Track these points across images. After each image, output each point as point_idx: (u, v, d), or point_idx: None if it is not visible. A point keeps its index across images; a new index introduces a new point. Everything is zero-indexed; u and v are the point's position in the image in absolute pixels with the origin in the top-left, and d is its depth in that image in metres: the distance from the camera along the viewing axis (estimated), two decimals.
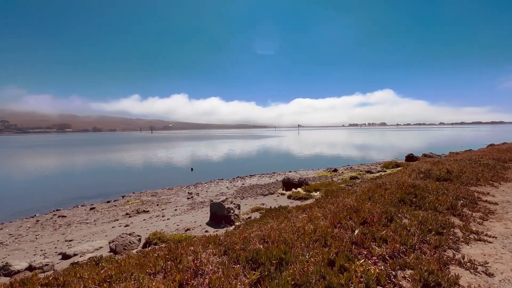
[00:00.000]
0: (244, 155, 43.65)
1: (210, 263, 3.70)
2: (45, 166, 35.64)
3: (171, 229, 8.93)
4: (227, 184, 18.93)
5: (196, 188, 18.01)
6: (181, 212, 11.82)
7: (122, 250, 6.94)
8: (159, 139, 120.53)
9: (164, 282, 3.24)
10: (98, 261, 5.13)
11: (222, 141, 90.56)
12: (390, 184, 7.49)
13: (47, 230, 10.83)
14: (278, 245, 3.83)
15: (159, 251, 4.76)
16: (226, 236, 4.87)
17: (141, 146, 75.90)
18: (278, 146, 63.50)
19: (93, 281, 3.56)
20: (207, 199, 14.37)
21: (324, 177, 18.96)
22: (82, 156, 48.66)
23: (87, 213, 13.15)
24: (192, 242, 5.16)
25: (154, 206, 13.55)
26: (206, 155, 43.64)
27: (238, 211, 9.43)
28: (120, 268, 3.96)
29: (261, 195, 14.20)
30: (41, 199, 16.68)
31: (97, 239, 8.89)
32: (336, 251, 3.47)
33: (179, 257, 4.14)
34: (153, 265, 3.87)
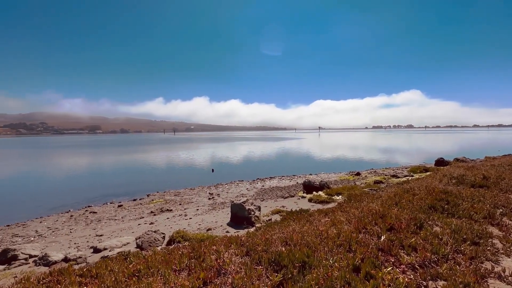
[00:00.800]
0: (264, 157, 43.69)
1: (233, 263, 3.75)
2: (78, 165, 38.19)
3: (193, 228, 9.15)
4: (247, 185, 19.05)
5: (216, 188, 18.31)
6: (203, 212, 12.08)
7: (147, 246, 7.24)
8: (181, 141, 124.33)
9: (189, 279, 3.34)
10: (126, 256, 5.40)
11: (242, 143, 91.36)
12: (419, 190, 7.12)
13: (80, 225, 11.58)
14: (301, 248, 3.79)
15: (183, 249, 4.90)
16: (247, 237, 4.90)
17: (165, 147, 78.73)
18: (298, 148, 62.81)
19: (123, 275, 3.76)
20: (227, 200, 14.55)
21: (346, 180, 18.43)
22: (110, 156, 51.49)
23: (115, 210, 13.88)
24: (214, 241, 5.25)
25: (177, 205, 13.97)
26: (226, 157, 44.26)
27: (258, 212, 9.45)
28: (147, 264, 4.15)
29: (281, 197, 14.12)
30: (74, 196, 17.88)
31: (125, 235, 9.34)
32: (362, 257, 3.36)
33: (202, 255, 4.24)
34: (178, 262, 4.00)
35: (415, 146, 64.94)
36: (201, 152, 54.89)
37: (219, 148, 68.11)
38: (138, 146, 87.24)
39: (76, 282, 3.83)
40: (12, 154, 62.77)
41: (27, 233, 10.79)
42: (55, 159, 48.98)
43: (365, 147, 62.21)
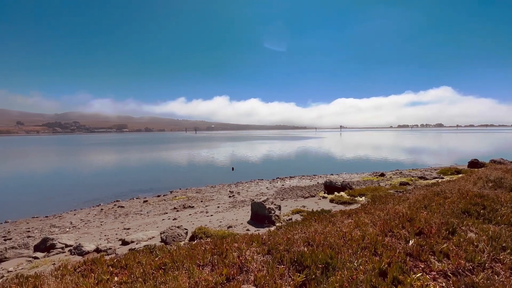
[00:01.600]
0: (283, 156, 43.44)
1: (255, 261, 3.78)
2: (107, 162, 40.48)
3: (214, 225, 9.34)
4: (267, 184, 19.06)
5: (237, 187, 18.52)
6: (223, 210, 12.28)
7: (171, 241, 7.50)
8: (202, 139, 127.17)
9: (212, 275, 3.42)
10: (152, 249, 5.64)
11: (262, 142, 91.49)
12: (451, 193, 6.70)
13: (109, 218, 12.28)
14: (324, 249, 3.73)
15: (205, 245, 5.03)
16: (269, 236, 4.92)
17: (187, 145, 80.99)
18: (318, 147, 61.67)
19: (150, 267, 3.94)
20: (247, 198, 14.67)
21: (369, 181, 17.81)
22: (136, 154, 53.95)
23: (141, 205, 14.54)
24: (235, 239, 5.33)
25: (199, 202, 14.33)
26: (246, 155, 44.58)
27: (278, 212, 9.42)
28: (172, 258, 4.30)
29: (301, 197, 13.96)
30: (104, 190, 18.99)
31: (150, 229, 9.76)
32: (389, 262, 3.24)
33: (224, 252, 4.32)
34: (201, 258, 4.11)
35: (445, 146, 61.09)
36: (221, 151, 55.77)
37: (239, 147, 68.75)
38: (161, 144, 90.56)
39: (107, 272, 4.08)
40: (49, 151, 67.96)
41: (63, 224, 11.64)
42: (87, 156, 52.28)
43: (389, 147, 59.63)
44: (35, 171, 32.06)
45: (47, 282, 3.68)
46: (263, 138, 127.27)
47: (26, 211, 14.16)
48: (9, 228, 11.44)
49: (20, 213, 13.71)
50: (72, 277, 3.88)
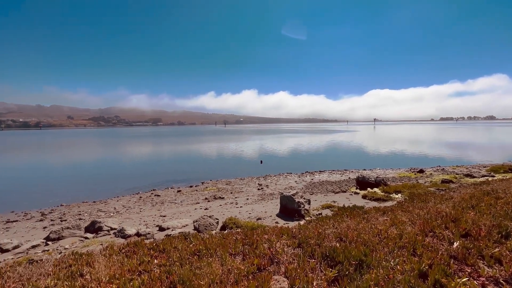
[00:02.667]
0: (312, 150, 42.56)
1: (285, 253, 3.81)
2: (145, 153, 43.35)
3: (243, 216, 9.56)
4: (295, 178, 18.90)
5: (265, 180, 18.66)
6: (252, 202, 12.49)
7: (203, 229, 7.85)
8: (231, 132, 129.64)
9: (244, 264, 3.52)
10: (186, 236, 5.95)
11: (290, 135, 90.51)
12: (504, 193, 6.03)
13: (147, 205, 13.21)
14: (357, 245, 3.62)
15: (236, 235, 5.17)
16: (299, 229, 4.90)
17: (216, 138, 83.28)
18: (350, 141, 59.27)
19: (186, 252, 4.17)
20: (276, 192, 14.72)
21: (406, 178, 16.72)
22: (170, 146, 56.91)
23: (175, 194, 15.38)
24: (265, 230, 5.40)
25: (228, 194, 14.74)
26: (274, 149, 44.54)
27: (308, 206, 9.32)
28: (205, 245, 4.50)
29: (331, 192, 13.62)
30: (142, 180, 20.42)
31: (183, 217, 10.31)
32: (430, 263, 3.04)
33: (255, 243, 4.41)
34: (233, 247, 4.24)
35: (496, 141, 54.73)
36: (250, 144, 56.39)
37: (267, 140, 68.85)
38: (193, 137, 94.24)
39: (148, 254, 4.41)
40: (96, 143, 74.68)
41: (108, 209, 12.81)
42: (128, 148, 56.48)
43: (430, 141, 55.12)
44: (85, 160, 35.55)
45: (97, 260, 4.09)
46: (292, 132, 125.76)
47: (77, 196, 15.84)
48: (64, 211, 12.91)
49: (72, 198, 15.37)
50: (118, 257, 4.27)
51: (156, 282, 3.12)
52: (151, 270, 3.62)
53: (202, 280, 3.02)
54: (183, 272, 3.23)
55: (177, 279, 3.11)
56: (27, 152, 49.05)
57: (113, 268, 3.69)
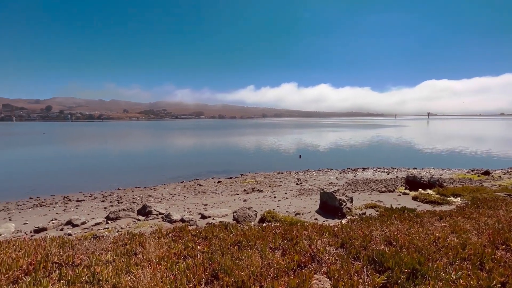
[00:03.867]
0: (355, 145, 40.26)
1: (327, 253, 3.65)
2: (188, 144, 46.10)
3: (282, 210, 9.51)
4: (336, 174, 18.14)
5: (304, 175, 18.28)
6: (291, 196, 12.36)
7: (242, 220, 8.03)
8: (270, 126, 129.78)
9: (284, 259, 3.48)
10: (227, 226, 6.13)
11: (331, 130, 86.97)
12: None
13: (191, 194, 14.04)
14: (410, 252, 3.28)
15: (275, 229, 5.15)
16: (342, 228, 4.66)
17: (256, 131, 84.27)
18: (398, 137, 54.54)
19: (226, 242, 4.29)
20: (315, 187, 14.32)
21: (467, 180, 14.77)
22: (212, 138, 59.47)
23: (215, 185, 16.05)
24: (305, 227, 5.27)
25: (267, 187, 14.83)
26: (314, 143, 43.32)
27: (350, 204, 8.85)
28: (245, 236, 4.57)
29: (376, 191, 12.74)
30: (186, 170, 21.75)
31: (223, 207, 10.69)
32: (503, 281, 2.60)
33: (294, 238, 4.32)
34: (272, 241, 4.22)
35: None
36: (288, 138, 55.80)
37: (307, 134, 67.26)
38: (233, 130, 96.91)
39: (191, 240, 4.65)
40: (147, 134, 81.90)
41: (156, 195, 13.97)
42: (174, 139, 60.72)
43: (498, 139, 47.71)
44: (138, 149, 39.31)
45: (148, 241, 4.46)
46: (333, 126, 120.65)
47: (131, 181, 17.59)
48: (121, 194, 14.46)
49: (127, 183, 17.13)
50: (165, 240, 4.59)
51: (199, 267, 3.26)
52: (194, 255, 3.81)
53: (243, 271, 3.06)
54: (225, 261, 3.32)
55: (219, 267, 3.21)
56: (93, 141, 56.13)
57: (162, 251, 3.98)
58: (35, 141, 55.82)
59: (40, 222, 9.32)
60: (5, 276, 3.10)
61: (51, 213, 11.16)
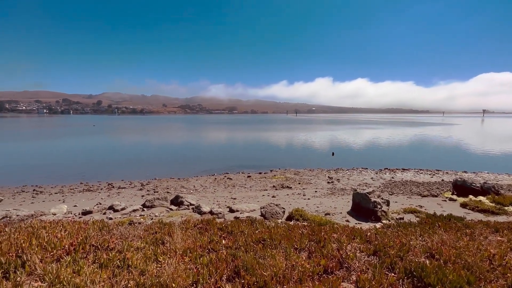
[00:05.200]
0: (394, 144, 37.50)
1: (357, 259, 3.38)
2: (221, 138, 47.33)
3: (311, 209, 9.21)
4: (372, 174, 17.07)
5: (336, 173, 17.55)
6: (321, 195, 11.93)
7: (270, 217, 7.95)
8: (302, 122, 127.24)
9: (309, 262, 3.29)
10: (253, 221, 6.09)
11: (368, 127, 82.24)
12: None
13: (220, 187, 14.36)
14: (456, 268, 2.87)
15: (302, 228, 4.95)
16: (375, 234, 4.30)
17: (287, 127, 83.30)
18: (446, 136, 49.49)
19: (251, 239, 4.23)
20: (348, 187, 13.65)
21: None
22: (244, 133, 60.27)
23: (245, 179, 16.19)
24: (334, 228, 4.99)
25: (296, 184, 14.53)
26: (348, 141, 41.38)
27: (386, 207, 8.22)
28: (270, 234, 4.46)
29: (417, 194, 11.69)
30: (217, 163, 22.33)
31: (251, 202, 10.72)
32: None
33: (322, 241, 4.10)
34: (298, 241, 4.05)
35: None
36: (321, 134, 54.12)
37: (341, 131, 64.53)
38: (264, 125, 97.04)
39: (217, 234, 4.68)
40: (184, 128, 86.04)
41: (188, 186, 14.56)
42: (207, 133, 62.90)
43: None
44: (174, 142, 41.50)
45: (176, 232, 4.60)
46: (369, 123, 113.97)
47: (166, 172, 18.60)
48: (156, 184, 15.36)
49: (163, 174, 18.14)
50: (192, 232, 4.69)
51: (222, 263, 3.24)
52: (219, 250, 3.81)
53: (265, 271, 2.96)
54: (247, 259, 3.25)
55: (241, 264, 3.15)
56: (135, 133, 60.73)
57: (188, 242, 4.06)
58: (87, 132, 62.22)
59: (87, 206, 10.30)
60: (50, 254, 3.41)
61: (97, 197, 12.28)
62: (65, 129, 73.09)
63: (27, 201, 11.98)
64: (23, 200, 12.16)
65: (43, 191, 13.79)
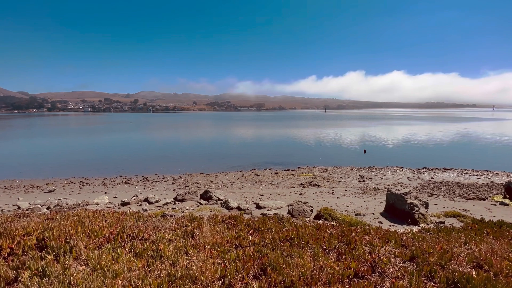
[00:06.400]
0: (434, 141, 34.63)
1: (392, 265, 3.18)
2: (249, 135, 47.78)
3: (340, 209, 8.90)
4: (408, 174, 15.97)
5: (368, 172, 16.72)
6: (351, 194, 11.47)
7: (297, 215, 7.83)
8: (332, 118, 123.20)
9: (338, 264, 3.18)
10: (280, 218, 6.05)
11: (404, 122, 76.98)
12: None
13: (248, 183, 14.52)
14: (510, 283, 2.55)
15: (331, 229, 4.79)
16: (412, 238, 4.01)
17: (316, 123, 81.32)
18: (496, 133, 44.44)
19: (278, 236, 4.20)
20: (381, 187, 12.93)
21: None
22: (271, 130, 60.18)
23: (272, 176, 16.17)
24: (366, 230, 4.76)
25: (325, 182, 14.14)
26: (381, 138, 39.15)
27: (424, 210, 7.63)
28: (297, 233, 4.38)
29: (461, 197, 10.68)
30: (245, 159, 22.60)
31: (279, 199, 10.67)
32: None
33: (353, 242, 3.93)
34: (327, 242, 3.92)
35: None
36: (352, 131, 51.92)
37: (373, 127, 61.26)
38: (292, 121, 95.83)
39: (244, 229, 4.72)
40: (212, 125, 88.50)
41: (217, 181, 14.94)
42: (236, 129, 63.95)
43: None
44: (204, 138, 42.89)
45: (205, 225, 4.74)
46: (406, 118, 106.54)
47: (196, 167, 19.30)
48: (187, 178, 16.02)
49: (193, 169, 18.86)
50: (220, 227, 4.79)
51: (249, 259, 3.26)
52: (246, 246, 3.84)
53: (293, 271, 2.91)
54: (274, 257, 3.23)
55: (268, 262, 3.14)
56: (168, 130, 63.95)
57: (216, 237, 4.15)
58: (125, 128, 66.98)
59: (125, 197, 11.09)
60: (93, 241, 3.72)
61: (134, 190, 13.17)
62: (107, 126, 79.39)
63: (75, 191, 13.27)
64: (71, 190, 13.48)
65: (88, 182, 15.15)
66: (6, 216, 5.23)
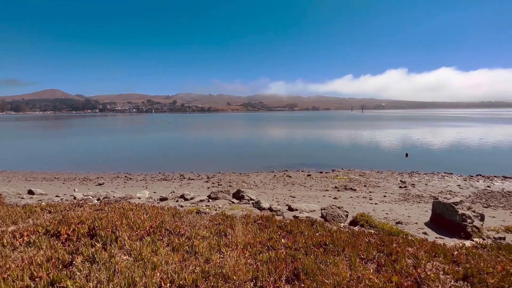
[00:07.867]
0: (490, 145, 30.68)
1: (441, 283, 2.86)
2: (281, 135, 47.51)
3: (378, 216, 8.35)
4: (458, 181, 14.38)
5: (411, 177, 15.44)
6: (391, 201, 10.70)
7: (331, 219, 7.54)
8: (370, 119, 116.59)
9: (378, 276, 2.96)
10: (313, 222, 5.86)
11: (453, 124, 69.61)
12: None
13: (280, 184, 14.41)
14: None
15: (369, 237, 4.51)
16: (466, 254, 3.57)
17: (352, 124, 77.71)
18: None
19: (311, 240, 4.06)
20: (426, 194, 11.84)
21: None
22: (304, 130, 59.08)
23: (305, 178, 15.82)
24: (409, 241, 4.37)
25: (361, 187, 13.41)
26: (426, 140, 35.90)
27: (479, 223, 6.78)
28: (332, 239, 4.19)
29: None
30: (277, 160, 22.48)
31: (311, 202, 10.39)
32: None
33: (394, 254, 3.64)
34: (364, 251, 3.70)
35: None
36: (391, 132, 48.50)
37: (417, 128, 56.46)
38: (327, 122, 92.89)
39: (276, 231, 4.67)
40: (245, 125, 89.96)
41: (249, 181, 15.09)
42: (269, 130, 64.13)
43: None
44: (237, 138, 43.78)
45: (237, 225, 4.79)
46: (456, 119, 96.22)
47: (229, 166, 19.74)
48: (220, 177, 16.45)
49: (226, 168, 19.32)
50: (252, 227, 4.81)
51: (281, 262, 3.20)
52: (278, 248, 3.79)
53: (327, 279, 2.78)
54: (308, 262, 3.13)
55: (301, 267, 3.05)
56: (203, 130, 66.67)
57: (248, 237, 4.17)
58: (164, 128, 71.47)
59: (163, 193, 11.78)
60: (135, 233, 3.99)
61: (171, 186, 13.93)
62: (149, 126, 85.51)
63: (120, 185, 14.49)
64: (118, 184, 14.75)
65: (131, 178, 16.44)
66: (65, 205, 5.90)
